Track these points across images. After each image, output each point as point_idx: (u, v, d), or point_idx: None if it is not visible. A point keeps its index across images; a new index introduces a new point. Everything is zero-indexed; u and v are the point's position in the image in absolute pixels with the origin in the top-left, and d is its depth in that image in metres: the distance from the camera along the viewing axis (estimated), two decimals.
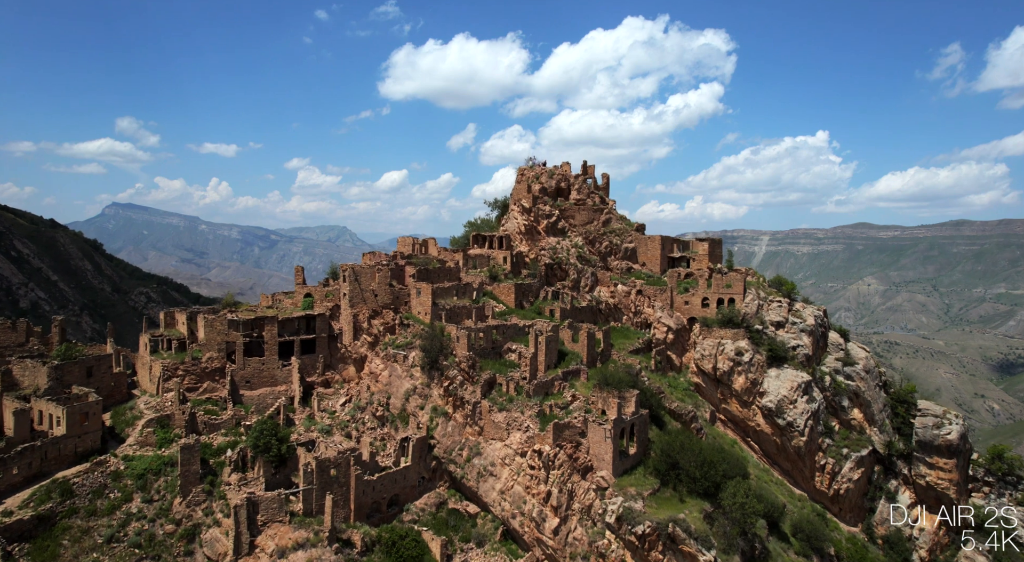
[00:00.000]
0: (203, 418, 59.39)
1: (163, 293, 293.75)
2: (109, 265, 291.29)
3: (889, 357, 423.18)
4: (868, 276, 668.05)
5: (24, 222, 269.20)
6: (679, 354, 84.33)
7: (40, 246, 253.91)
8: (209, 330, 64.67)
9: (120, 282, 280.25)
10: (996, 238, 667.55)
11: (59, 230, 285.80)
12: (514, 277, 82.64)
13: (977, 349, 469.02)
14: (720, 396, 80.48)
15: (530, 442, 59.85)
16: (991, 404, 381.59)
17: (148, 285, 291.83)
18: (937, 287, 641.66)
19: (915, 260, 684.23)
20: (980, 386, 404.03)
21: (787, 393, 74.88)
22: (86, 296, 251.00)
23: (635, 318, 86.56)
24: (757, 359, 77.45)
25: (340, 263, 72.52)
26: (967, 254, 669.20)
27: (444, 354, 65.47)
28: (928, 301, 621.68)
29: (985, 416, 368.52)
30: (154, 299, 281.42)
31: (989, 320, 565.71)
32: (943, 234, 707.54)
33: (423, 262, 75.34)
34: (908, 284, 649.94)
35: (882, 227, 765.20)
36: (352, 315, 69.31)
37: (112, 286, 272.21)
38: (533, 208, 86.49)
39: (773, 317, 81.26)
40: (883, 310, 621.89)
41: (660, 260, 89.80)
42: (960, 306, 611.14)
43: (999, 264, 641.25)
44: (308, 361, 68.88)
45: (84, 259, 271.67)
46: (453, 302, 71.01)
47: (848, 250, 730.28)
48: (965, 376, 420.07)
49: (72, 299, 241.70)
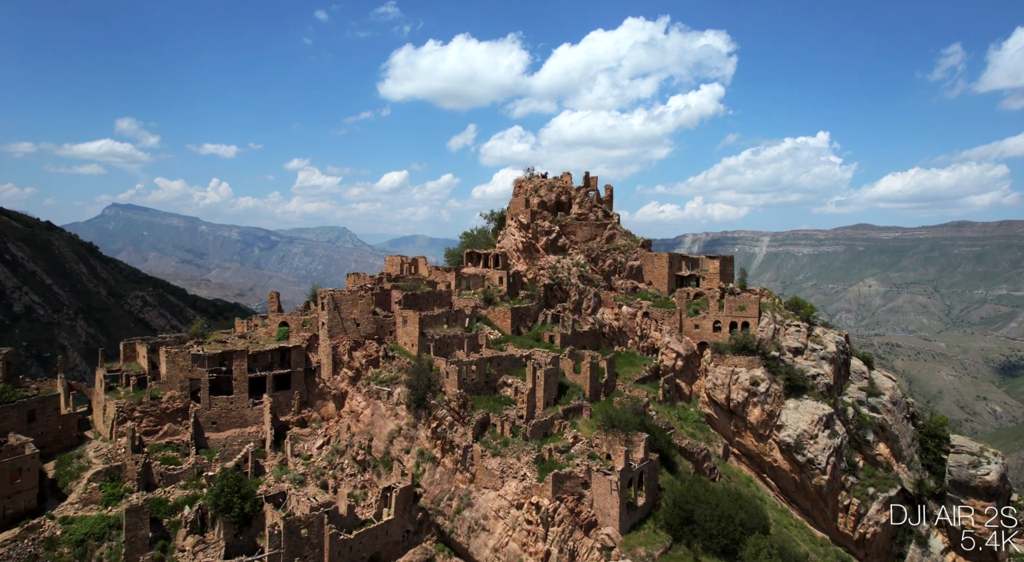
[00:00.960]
0: (159, 469, 52.85)
1: (159, 297, 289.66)
2: (105, 268, 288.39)
3: (891, 359, 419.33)
4: (869, 277, 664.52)
5: (19, 225, 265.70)
6: (689, 382, 78.15)
7: (35, 249, 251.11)
8: (171, 366, 58.06)
9: (116, 285, 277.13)
10: (997, 239, 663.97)
11: (55, 233, 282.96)
12: (511, 299, 76.32)
13: (979, 351, 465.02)
14: (734, 429, 74.33)
15: (527, 493, 53.58)
16: (993, 406, 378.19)
17: (144, 289, 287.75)
18: (938, 288, 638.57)
19: (916, 261, 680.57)
20: (982, 388, 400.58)
21: (807, 427, 68.82)
22: (81, 300, 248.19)
23: (641, 342, 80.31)
24: (774, 389, 71.35)
25: (319, 288, 66.05)
26: (968, 255, 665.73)
27: (432, 391, 59.18)
28: (929, 302, 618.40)
29: (987, 418, 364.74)
30: (150, 303, 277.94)
31: (990, 322, 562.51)
32: (944, 235, 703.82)
33: (411, 286, 68.90)
34: (909, 285, 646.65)
35: (883, 228, 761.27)
36: (331, 346, 62.93)
37: (108, 289, 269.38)
38: (531, 224, 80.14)
39: (791, 343, 75.13)
40: (884, 311, 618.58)
41: (667, 279, 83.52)
42: (961, 308, 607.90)
43: (1000, 265, 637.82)
44: (282, 398, 62.39)
45: (79, 262, 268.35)
46: (443, 331, 64.66)
47: (849, 251, 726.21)
48: (967, 378, 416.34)
49: (67, 303, 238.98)
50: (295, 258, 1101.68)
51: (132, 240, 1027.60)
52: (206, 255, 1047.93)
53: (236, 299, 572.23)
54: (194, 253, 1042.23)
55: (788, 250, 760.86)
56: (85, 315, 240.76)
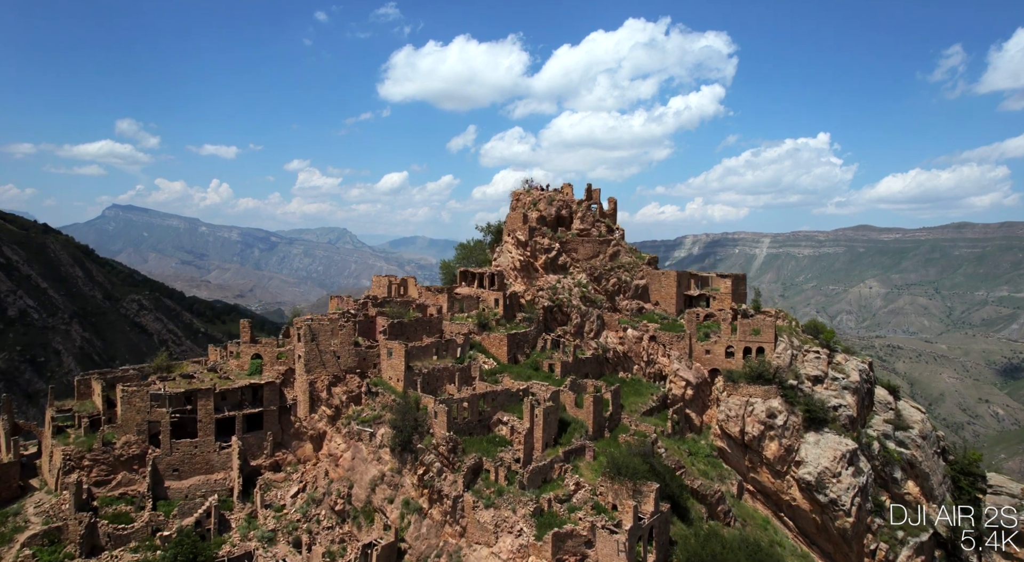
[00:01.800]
0: (107, 529, 46.85)
1: (155, 300, 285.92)
2: (101, 271, 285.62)
3: (892, 361, 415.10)
4: (870, 278, 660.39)
5: (14, 228, 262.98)
6: (699, 411, 72.44)
7: (30, 252, 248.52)
8: (127, 408, 51.75)
9: (112, 289, 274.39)
10: (998, 241, 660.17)
11: (50, 235, 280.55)
12: (507, 323, 70.47)
13: (980, 353, 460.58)
14: (748, 464, 68.71)
15: (523, 552, 47.82)
16: (996, 409, 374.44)
17: (141, 292, 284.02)
18: (939, 290, 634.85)
19: (917, 263, 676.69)
20: (984, 391, 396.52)
21: (829, 464, 63.22)
22: (76, 304, 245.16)
23: (648, 368, 74.55)
24: (792, 422, 65.74)
25: (295, 318, 59.93)
26: (969, 257, 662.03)
27: (419, 432, 53.35)
28: (930, 304, 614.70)
29: (990, 421, 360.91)
30: (146, 306, 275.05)
31: (992, 323, 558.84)
32: (945, 236, 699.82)
33: (397, 313, 62.96)
34: (910, 287, 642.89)
35: (883, 229, 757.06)
36: (309, 382, 57.01)
37: (104, 293, 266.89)
38: (530, 241, 74.21)
39: (810, 371, 69.42)
40: (885, 313, 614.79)
41: (676, 299, 77.73)
42: (962, 309, 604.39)
43: (1001, 267, 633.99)
44: (254, 440, 56.36)
45: (75, 265, 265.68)
46: (432, 363, 58.80)
47: (849, 252, 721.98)
48: (969, 381, 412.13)
49: (62, 307, 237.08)
50: (295, 259, 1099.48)
51: (132, 241, 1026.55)
52: (206, 256, 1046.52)
53: (236, 300, 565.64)
54: (194, 254, 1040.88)
55: (788, 251, 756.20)
56: (80, 319, 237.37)
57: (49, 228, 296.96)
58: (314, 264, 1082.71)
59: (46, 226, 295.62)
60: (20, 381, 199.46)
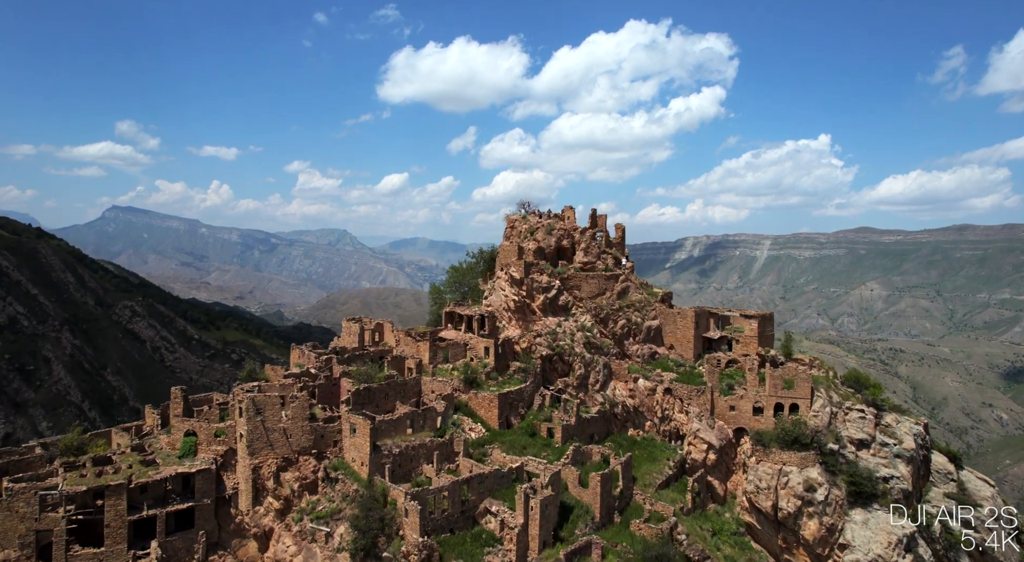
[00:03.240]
0: None
1: (149, 306, 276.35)
2: (93, 277, 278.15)
3: (895, 365, 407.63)
4: (871, 281, 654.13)
5: (5, 233, 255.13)
6: (723, 478, 62.27)
7: (20, 258, 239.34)
8: (7, 515, 40.02)
9: (104, 295, 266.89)
10: (1000, 243, 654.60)
11: (42, 240, 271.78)
12: (498, 376, 60.07)
13: (983, 356, 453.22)
14: (783, 544, 58.44)
15: None
16: (999, 413, 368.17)
17: (134, 298, 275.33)
18: (941, 292, 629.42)
19: (918, 265, 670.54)
20: (987, 395, 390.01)
21: (882, 551, 53.10)
22: (67, 310, 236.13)
23: (662, 425, 64.28)
24: (835, 496, 55.58)
25: (235, 386, 49.19)
26: (970, 259, 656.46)
27: (387, 533, 42.97)
28: (932, 306, 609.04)
29: (993, 426, 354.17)
30: (139, 313, 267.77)
31: (994, 326, 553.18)
32: (946, 238, 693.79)
33: (365, 375, 52.15)
34: (911, 289, 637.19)
35: (884, 231, 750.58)
36: (252, 467, 46.47)
37: (96, 299, 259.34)
38: (526, 279, 63.63)
39: (853, 433, 59.24)
40: (886, 315, 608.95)
41: (693, 342, 67.45)
42: (964, 311, 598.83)
43: (1003, 269, 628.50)
44: (182, 543, 45.28)
45: (66, 271, 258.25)
46: (406, 440, 48.32)
47: (850, 254, 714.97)
48: (972, 384, 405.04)
49: (53, 314, 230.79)
50: (295, 260, 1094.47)
51: (132, 242, 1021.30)
52: (206, 257, 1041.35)
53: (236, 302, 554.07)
54: (194, 255, 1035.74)
55: (789, 253, 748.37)
56: (71, 326, 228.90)
57: (43, 232, 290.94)
58: (314, 265, 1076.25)
59: (40, 230, 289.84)
60: (8, 390, 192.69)
